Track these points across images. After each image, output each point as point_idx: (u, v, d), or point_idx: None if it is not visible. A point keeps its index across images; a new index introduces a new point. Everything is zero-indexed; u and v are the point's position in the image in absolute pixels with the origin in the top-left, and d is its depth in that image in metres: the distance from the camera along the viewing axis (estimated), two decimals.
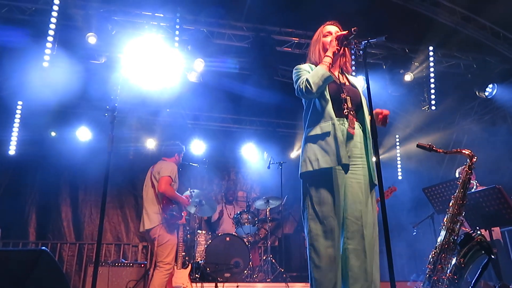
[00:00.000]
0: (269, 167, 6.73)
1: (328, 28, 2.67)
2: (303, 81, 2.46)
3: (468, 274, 3.00)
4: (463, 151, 3.11)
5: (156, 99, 6.82)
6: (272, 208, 6.57)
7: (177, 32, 5.74)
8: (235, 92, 7.28)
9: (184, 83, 6.41)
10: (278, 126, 8.64)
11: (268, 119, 8.51)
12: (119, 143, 7.32)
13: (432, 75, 6.52)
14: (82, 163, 6.97)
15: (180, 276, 4.85)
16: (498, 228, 5.26)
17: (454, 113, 7.65)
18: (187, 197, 5.00)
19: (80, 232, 7.22)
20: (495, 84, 6.34)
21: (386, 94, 6.61)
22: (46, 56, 5.32)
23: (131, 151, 7.74)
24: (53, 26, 5.30)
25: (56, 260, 1.92)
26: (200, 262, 5.54)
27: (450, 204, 3.11)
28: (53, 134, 7.14)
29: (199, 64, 6.02)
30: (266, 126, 8.53)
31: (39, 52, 5.32)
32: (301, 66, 2.63)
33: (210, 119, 8.38)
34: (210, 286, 5.09)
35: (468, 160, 3.10)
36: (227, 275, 5.51)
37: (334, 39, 2.53)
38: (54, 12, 5.29)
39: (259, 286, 5.38)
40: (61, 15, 5.37)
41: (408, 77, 6.48)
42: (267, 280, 5.63)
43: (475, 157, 3.10)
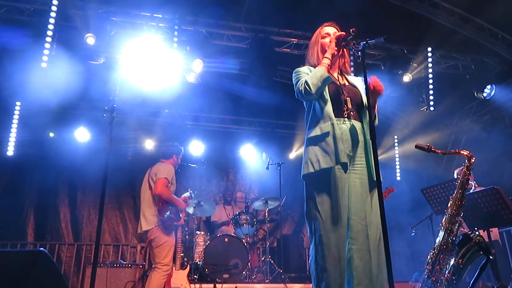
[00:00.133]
0: (267, 168, 6.73)
1: (326, 30, 2.67)
2: (302, 83, 2.47)
3: (467, 274, 3.01)
4: (462, 152, 3.12)
5: (155, 99, 6.82)
6: (271, 209, 6.57)
7: (176, 33, 5.74)
8: (234, 92, 7.28)
9: (183, 83, 6.41)
10: (277, 127, 8.65)
11: (267, 119, 8.51)
12: (118, 143, 7.31)
13: (430, 76, 6.53)
14: (80, 164, 6.96)
15: (178, 277, 4.85)
16: (496, 228, 5.27)
17: (452, 114, 7.66)
18: (186, 198, 4.99)
19: (78, 233, 7.21)
20: (493, 85, 6.35)
21: (385, 95, 6.56)
22: (45, 56, 5.32)
23: (130, 152, 7.73)
24: (51, 27, 5.30)
25: (54, 261, 1.92)
26: (198, 263, 5.53)
27: (449, 205, 3.11)
28: (51, 135, 7.12)
29: (198, 65, 6.02)
30: (265, 127, 8.54)
31: (38, 52, 5.31)
32: (300, 69, 2.64)
33: (209, 119, 8.37)
34: (208, 287, 5.08)
35: (466, 160, 3.10)
36: (226, 276, 5.51)
37: (334, 40, 2.53)
38: (52, 12, 5.29)
39: (258, 287, 5.37)
40: (59, 16, 5.37)
41: (406, 78, 6.49)
42: (266, 281, 5.63)
43: (474, 157, 3.10)
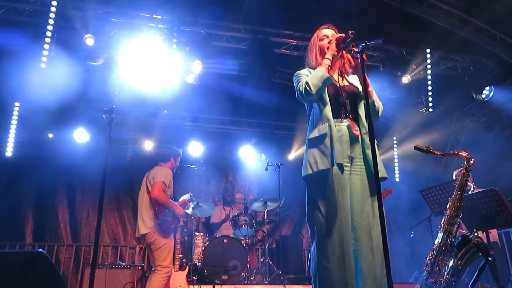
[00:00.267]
0: (266, 169, 6.74)
1: (324, 32, 2.68)
2: (303, 84, 2.48)
3: (466, 276, 3.01)
4: (460, 153, 3.12)
5: (154, 100, 6.81)
6: (270, 210, 6.57)
7: (175, 34, 5.74)
8: (233, 93, 7.29)
9: (182, 84, 6.41)
10: (276, 128, 8.65)
11: (266, 120, 8.52)
12: (117, 144, 7.30)
13: (429, 77, 6.54)
14: (79, 164, 6.94)
15: (177, 278, 4.85)
16: (495, 230, 5.27)
17: (451, 115, 7.67)
18: (186, 201, 4.99)
19: (77, 234, 7.19)
20: (492, 87, 6.36)
21: (384, 96, 6.62)
22: (44, 57, 5.31)
23: (129, 153, 7.72)
24: (50, 28, 5.30)
25: (53, 262, 1.91)
26: (197, 264, 5.53)
27: (448, 206, 3.11)
28: (50, 135, 7.11)
29: (197, 66, 6.01)
30: (264, 128, 8.54)
31: (37, 53, 5.31)
32: (300, 71, 2.66)
33: (208, 120, 8.37)
34: None
35: (465, 162, 3.11)
36: (225, 277, 5.50)
37: (334, 41, 2.53)
38: (51, 13, 5.29)
39: None
40: (58, 17, 5.37)
41: (405, 79, 6.50)
42: (265, 282, 5.63)
43: (472, 159, 3.11)
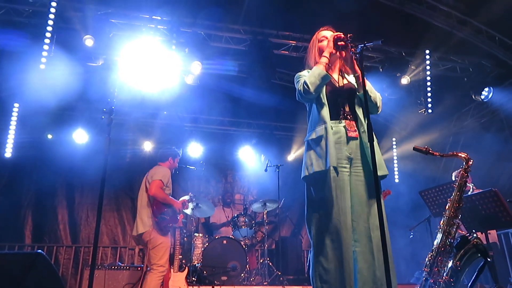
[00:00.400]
0: (266, 170, 6.74)
1: (323, 33, 2.69)
2: (301, 83, 2.49)
3: (465, 276, 3.01)
4: (459, 154, 3.12)
5: (154, 101, 6.81)
6: (269, 211, 6.57)
7: (174, 35, 5.74)
8: (233, 94, 7.29)
9: (182, 85, 6.41)
10: (275, 129, 8.65)
11: (266, 121, 8.52)
12: (116, 145, 7.30)
13: (428, 78, 6.55)
14: (78, 165, 6.94)
15: (176, 279, 4.84)
16: (494, 231, 5.27)
17: (450, 116, 7.68)
18: (185, 201, 4.99)
19: (76, 235, 7.18)
20: (491, 88, 6.37)
21: (383, 97, 6.61)
22: (43, 58, 5.31)
23: (128, 154, 7.72)
24: (50, 29, 5.30)
25: (52, 263, 1.91)
26: (197, 265, 5.52)
27: (447, 207, 3.11)
28: (49, 136, 7.11)
29: (196, 67, 6.02)
30: (263, 129, 8.54)
31: (36, 54, 5.31)
32: (300, 73, 2.67)
33: (207, 121, 8.38)
34: None
35: (464, 163, 3.11)
36: (224, 278, 5.50)
37: (331, 40, 2.54)
38: (51, 14, 5.29)
39: None
40: (58, 17, 5.37)
41: (404, 80, 6.51)
42: (264, 283, 5.63)
43: (471, 160, 3.11)
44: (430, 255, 2.98)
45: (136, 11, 5.81)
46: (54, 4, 5.28)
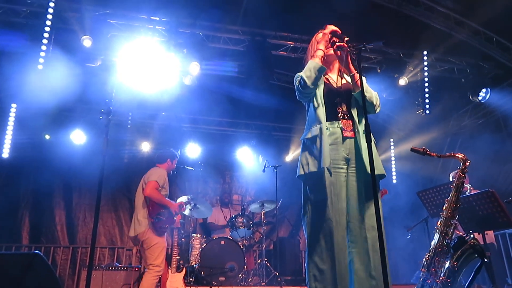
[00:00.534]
0: (264, 171, 6.74)
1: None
2: (298, 79, 2.50)
3: (463, 277, 3.02)
4: (457, 155, 3.13)
5: (152, 102, 6.81)
6: (267, 211, 6.57)
7: (172, 36, 5.74)
8: (231, 95, 7.29)
9: (180, 86, 6.40)
10: (273, 130, 8.66)
11: (264, 122, 8.52)
12: (114, 146, 7.29)
13: (426, 79, 6.56)
14: (76, 166, 6.93)
15: (174, 280, 4.84)
16: (492, 231, 5.29)
17: (448, 117, 7.70)
18: (182, 203, 5.00)
19: (74, 235, 7.17)
20: (489, 89, 6.39)
21: (381, 98, 6.62)
22: (41, 58, 5.30)
23: (126, 154, 7.71)
24: (48, 29, 5.29)
25: (50, 264, 1.91)
26: (194, 265, 5.52)
27: (444, 207, 3.12)
28: (47, 137, 7.09)
29: (195, 68, 6.01)
30: (261, 130, 8.54)
31: (34, 54, 5.29)
32: (299, 73, 2.68)
33: (205, 122, 8.37)
34: None
35: (461, 164, 3.12)
36: (222, 279, 5.50)
37: (328, 33, 2.56)
38: (49, 15, 5.28)
39: None
40: (56, 18, 5.36)
41: (402, 81, 6.52)
42: (262, 284, 5.62)
43: (469, 161, 3.12)
44: (427, 256, 2.99)
45: (134, 11, 5.80)
46: (52, 4, 5.27)
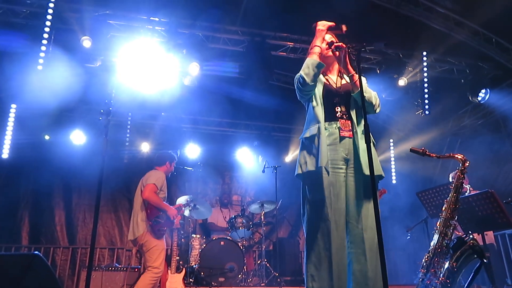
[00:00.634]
0: (264, 171, 6.74)
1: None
2: (297, 78, 2.51)
3: (462, 277, 3.02)
4: (456, 156, 3.14)
5: (151, 103, 6.81)
6: (267, 212, 6.57)
7: (172, 36, 5.74)
8: (230, 96, 7.29)
9: (180, 87, 6.41)
10: (273, 130, 8.66)
11: (264, 123, 8.52)
12: (114, 146, 7.29)
13: (425, 80, 6.57)
14: (76, 166, 6.93)
15: (174, 281, 4.84)
16: (491, 232, 5.29)
17: (447, 117, 7.71)
18: (180, 205, 4.99)
19: (73, 236, 7.17)
20: (488, 89, 6.39)
21: (380, 99, 6.63)
22: (41, 59, 5.30)
23: (126, 155, 7.71)
24: (47, 30, 5.29)
25: (49, 265, 1.91)
26: (194, 266, 5.52)
27: (443, 208, 3.13)
28: (46, 137, 7.09)
29: (194, 68, 6.02)
30: (261, 130, 8.54)
31: (34, 55, 5.29)
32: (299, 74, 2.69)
33: (205, 122, 8.37)
34: None
35: (460, 164, 3.12)
36: (222, 279, 5.50)
37: (325, 30, 2.57)
38: (48, 15, 5.28)
39: None
40: (55, 19, 5.36)
41: (402, 82, 6.52)
42: (262, 284, 5.62)
43: (468, 161, 3.12)
44: (426, 256, 2.99)
45: (134, 12, 5.80)
46: (51, 5, 5.27)
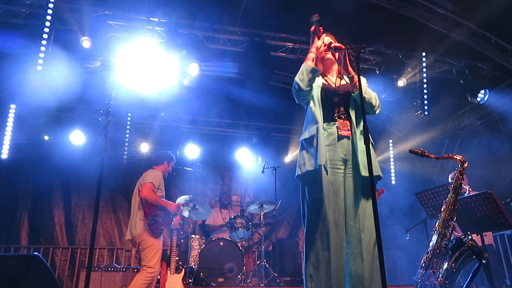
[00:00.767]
0: (263, 172, 6.74)
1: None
2: (293, 83, 2.53)
3: (461, 278, 3.03)
4: (455, 157, 3.14)
5: (151, 103, 6.81)
6: (266, 212, 6.57)
7: (171, 37, 5.74)
8: (230, 96, 7.30)
9: (179, 87, 6.41)
10: (273, 131, 8.66)
11: (263, 123, 8.53)
12: (113, 147, 7.30)
13: (425, 80, 6.57)
14: (75, 167, 6.93)
15: (173, 281, 4.84)
16: (490, 232, 5.30)
17: (446, 118, 7.71)
18: (180, 205, 5.00)
19: (72, 236, 7.16)
20: (487, 90, 6.40)
21: (380, 99, 6.63)
22: (40, 59, 5.30)
23: (125, 155, 7.71)
24: (47, 30, 5.29)
25: (49, 266, 1.91)
26: (193, 267, 5.52)
27: (442, 209, 3.13)
28: (46, 138, 7.09)
29: (194, 69, 6.02)
30: (260, 130, 8.54)
31: (34, 55, 5.29)
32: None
33: (204, 123, 8.37)
34: None
35: (459, 165, 3.13)
36: (221, 280, 5.50)
37: (322, 39, 2.60)
38: (48, 15, 5.28)
39: None
40: (55, 19, 5.36)
41: (401, 82, 6.53)
42: (261, 285, 5.62)
43: (467, 162, 3.13)
44: (425, 257, 3.00)
45: (133, 12, 5.81)
46: (51, 5, 5.27)
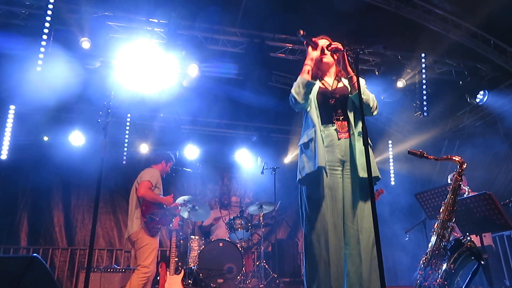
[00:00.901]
0: (262, 172, 6.74)
1: (318, 42, 2.72)
2: (290, 95, 2.55)
3: (460, 279, 3.03)
4: (454, 158, 3.14)
5: (151, 103, 6.81)
6: (266, 213, 6.57)
7: (171, 37, 5.75)
8: (229, 97, 7.30)
9: (179, 88, 6.42)
10: (272, 131, 8.66)
11: (262, 124, 8.53)
12: (113, 147, 7.30)
13: (424, 81, 6.58)
14: (75, 167, 6.93)
15: (173, 282, 4.84)
16: (489, 233, 5.30)
17: (446, 119, 7.72)
18: (177, 205, 5.00)
19: (72, 237, 7.16)
20: (486, 91, 6.41)
21: (379, 100, 6.63)
22: (40, 60, 5.30)
23: (125, 156, 7.71)
24: (47, 31, 5.29)
25: (48, 267, 1.91)
26: (193, 267, 5.52)
27: (441, 210, 3.13)
28: (45, 138, 7.09)
29: (193, 69, 6.03)
30: (260, 131, 8.55)
31: (33, 56, 5.29)
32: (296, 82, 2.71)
33: (204, 124, 8.38)
34: None
35: (458, 166, 3.13)
36: (220, 281, 5.50)
37: (318, 48, 2.61)
38: (47, 16, 5.28)
39: None
40: (55, 20, 5.36)
41: (400, 83, 6.54)
42: (260, 285, 5.62)
43: (465, 163, 3.13)
44: (424, 258, 3.00)
45: (133, 13, 5.81)
46: (50, 6, 5.28)
